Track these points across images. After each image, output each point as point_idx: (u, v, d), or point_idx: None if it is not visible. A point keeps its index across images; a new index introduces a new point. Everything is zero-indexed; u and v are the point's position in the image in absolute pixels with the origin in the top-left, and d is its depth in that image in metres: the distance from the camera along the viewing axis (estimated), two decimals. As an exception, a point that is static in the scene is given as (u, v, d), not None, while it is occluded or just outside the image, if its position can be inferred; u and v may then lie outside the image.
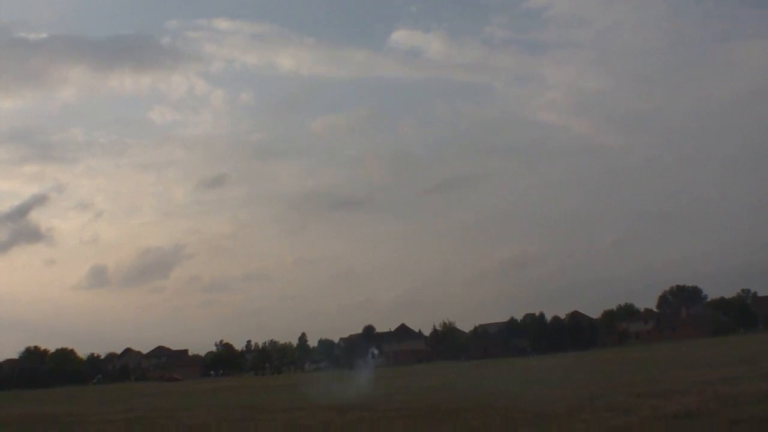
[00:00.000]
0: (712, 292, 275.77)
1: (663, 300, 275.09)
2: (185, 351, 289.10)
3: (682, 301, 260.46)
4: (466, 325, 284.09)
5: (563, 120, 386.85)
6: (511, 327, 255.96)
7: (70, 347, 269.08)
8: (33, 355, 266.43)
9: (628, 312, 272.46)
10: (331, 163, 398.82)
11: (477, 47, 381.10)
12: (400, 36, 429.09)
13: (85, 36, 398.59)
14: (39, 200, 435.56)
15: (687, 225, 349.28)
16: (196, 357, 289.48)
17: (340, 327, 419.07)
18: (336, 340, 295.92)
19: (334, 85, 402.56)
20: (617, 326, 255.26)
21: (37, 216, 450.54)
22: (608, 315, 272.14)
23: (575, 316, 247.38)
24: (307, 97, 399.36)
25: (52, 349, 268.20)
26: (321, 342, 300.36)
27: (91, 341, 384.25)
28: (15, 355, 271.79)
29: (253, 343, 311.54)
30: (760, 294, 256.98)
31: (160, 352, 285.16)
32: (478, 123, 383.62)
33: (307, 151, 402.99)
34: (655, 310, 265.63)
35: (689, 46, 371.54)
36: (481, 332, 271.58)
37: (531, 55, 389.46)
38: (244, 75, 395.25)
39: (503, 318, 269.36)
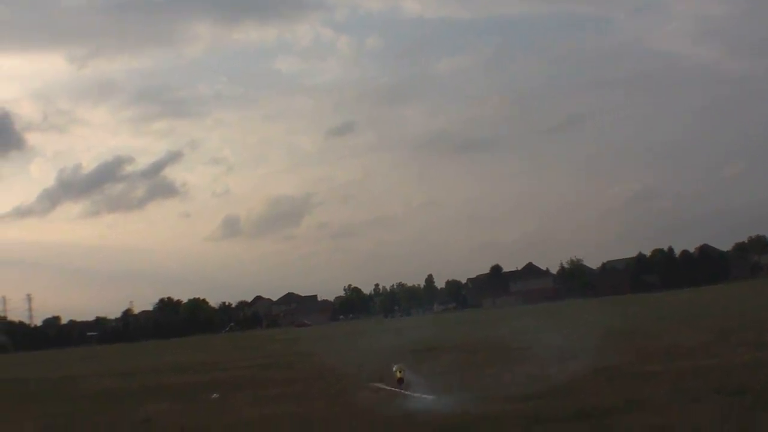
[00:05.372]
0: None
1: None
2: (314, 296, 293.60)
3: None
4: (593, 262, 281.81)
5: (687, 48, 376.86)
6: (639, 263, 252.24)
7: (202, 297, 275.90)
8: (167, 305, 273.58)
9: (760, 244, 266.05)
10: (457, 105, 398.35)
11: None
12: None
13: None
14: (173, 156, 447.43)
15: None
16: (325, 302, 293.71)
17: (467, 267, 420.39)
18: (463, 281, 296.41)
19: (457, 26, 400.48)
20: (749, 259, 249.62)
21: (171, 172, 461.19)
22: (740, 247, 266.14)
23: (705, 249, 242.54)
24: (431, 39, 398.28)
25: (185, 299, 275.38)
26: (448, 283, 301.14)
27: (222, 290, 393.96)
28: (150, 307, 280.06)
29: (381, 286, 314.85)
30: None
31: (290, 298, 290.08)
32: (601, 56, 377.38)
33: (432, 94, 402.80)
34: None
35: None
36: (609, 269, 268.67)
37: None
38: (369, 21, 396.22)
39: (631, 254, 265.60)
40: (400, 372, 27.92)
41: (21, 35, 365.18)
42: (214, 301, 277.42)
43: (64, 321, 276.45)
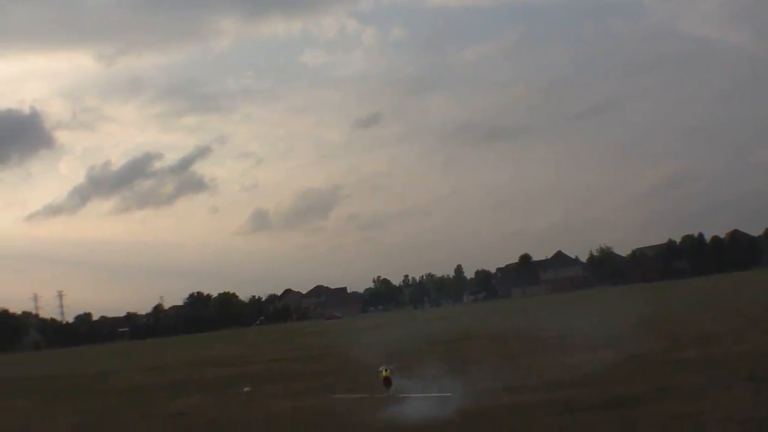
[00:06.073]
0: None
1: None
2: (344, 289, 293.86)
3: None
4: (623, 249, 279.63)
5: (717, 32, 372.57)
6: (669, 249, 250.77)
7: (232, 291, 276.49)
8: (197, 300, 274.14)
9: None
10: (483, 93, 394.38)
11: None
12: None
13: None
14: (202, 152, 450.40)
15: None
16: (354, 294, 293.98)
17: (496, 257, 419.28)
18: (492, 271, 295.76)
19: (481, 14, 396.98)
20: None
21: (200, 167, 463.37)
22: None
23: (736, 235, 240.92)
24: (456, 28, 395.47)
25: (215, 294, 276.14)
26: (478, 273, 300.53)
27: (252, 284, 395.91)
28: (180, 302, 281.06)
29: (410, 277, 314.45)
30: None
31: (319, 291, 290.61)
32: (629, 40, 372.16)
33: (458, 83, 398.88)
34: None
35: None
36: (639, 256, 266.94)
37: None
38: (394, 11, 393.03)
39: (661, 240, 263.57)
40: (386, 371, 26.05)
41: (49, 34, 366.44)
42: (243, 295, 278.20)
43: (95, 317, 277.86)
